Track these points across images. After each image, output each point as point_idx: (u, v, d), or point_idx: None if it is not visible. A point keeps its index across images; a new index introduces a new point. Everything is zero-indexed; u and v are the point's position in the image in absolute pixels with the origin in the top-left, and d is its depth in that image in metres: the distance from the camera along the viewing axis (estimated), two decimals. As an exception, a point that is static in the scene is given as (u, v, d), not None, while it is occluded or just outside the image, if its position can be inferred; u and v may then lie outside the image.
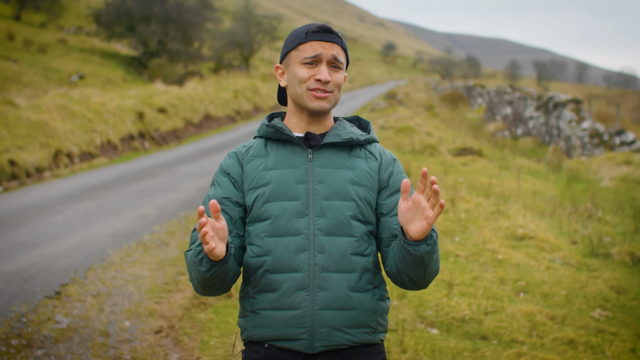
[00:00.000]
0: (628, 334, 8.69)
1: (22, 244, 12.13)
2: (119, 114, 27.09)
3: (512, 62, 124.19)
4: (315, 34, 3.59)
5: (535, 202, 16.61)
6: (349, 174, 3.61)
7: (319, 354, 3.54)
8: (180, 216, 14.63)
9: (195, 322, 8.78)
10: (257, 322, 3.57)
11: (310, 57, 3.56)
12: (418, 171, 19.04)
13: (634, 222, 14.95)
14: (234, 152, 3.73)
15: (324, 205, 3.55)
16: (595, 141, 27.87)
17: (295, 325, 3.50)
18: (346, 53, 3.69)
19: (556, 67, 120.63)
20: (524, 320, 8.71)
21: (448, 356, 7.58)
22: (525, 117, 36.76)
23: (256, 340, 3.61)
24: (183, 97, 34.30)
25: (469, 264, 11.19)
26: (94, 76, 36.72)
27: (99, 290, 9.85)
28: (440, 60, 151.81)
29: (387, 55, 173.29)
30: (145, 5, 45.25)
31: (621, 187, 20.02)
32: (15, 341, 7.97)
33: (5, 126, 20.72)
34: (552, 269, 11.20)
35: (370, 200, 3.63)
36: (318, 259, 3.50)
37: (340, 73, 3.62)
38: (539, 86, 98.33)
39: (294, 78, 3.61)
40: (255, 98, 44.95)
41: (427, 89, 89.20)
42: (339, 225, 3.54)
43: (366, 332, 3.58)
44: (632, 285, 10.90)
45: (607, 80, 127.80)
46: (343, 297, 3.51)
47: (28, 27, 46.15)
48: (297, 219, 3.54)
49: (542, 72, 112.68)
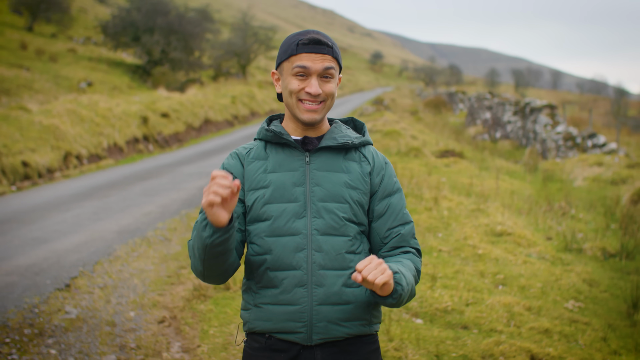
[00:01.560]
0: (599, 324, 8.71)
1: (34, 240, 12.11)
2: (124, 118, 27.05)
3: (492, 70, 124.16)
4: (305, 46, 3.51)
5: (512, 201, 16.63)
6: (344, 177, 3.59)
7: (317, 345, 3.54)
8: (182, 214, 14.62)
9: (196, 313, 8.77)
10: (259, 316, 3.57)
11: (301, 69, 3.51)
12: (404, 172, 19.08)
13: (605, 220, 14.99)
14: (235, 152, 3.70)
15: (321, 207, 3.53)
16: (568, 144, 27.91)
17: (294, 320, 3.49)
18: (339, 60, 3.63)
19: (532, 74, 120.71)
20: (502, 311, 8.72)
21: (431, 344, 7.58)
22: (504, 121, 36.79)
23: (258, 332, 3.60)
24: (184, 103, 34.27)
25: (451, 259, 11.19)
26: (101, 83, 36.65)
27: (106, 283, 9.84)
28: (424, 68, 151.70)
29: (374, 64, 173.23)
30: (149, 17, 45.21)
31: (593, 186, 20.06)
32: (28, 330, 7.96)
33: (18, 130, 20.69)
34: (529, 263, 11.21)
35: (363, 203, 3.61)
36: (315, 258, 3.49)
37: (332, 82, 3.57)
38: (516, 92, 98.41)
39: (286, 88, 3.57)
40: (252, 104, 44.95)
41: (412, 95, 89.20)
42: (335, 226, 3.52)
43: (361, 325, 3.58)
44: (603, 278, 10.93)
45: (580, 87, 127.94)
46: (338, 293, 3.50)
47: (40, 38, 46.05)
48: (295, 219, 3.52)
49: (520, 79, 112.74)
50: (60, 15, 50.58)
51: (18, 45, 39.74)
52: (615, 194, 17.92)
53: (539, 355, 7.30)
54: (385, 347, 7.35)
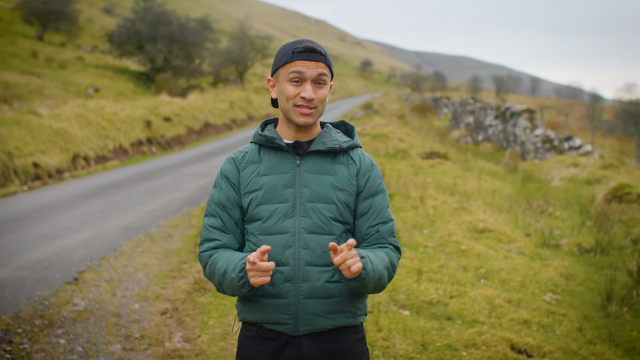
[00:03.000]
0: (575, 315, 8.73)
1: (44, 236, 12.11)
2: (129, 122, 27.04)
3: (474, 77, 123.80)
4: (300, 54, 3.54)
5: (494, 200, 16.64)
6: (331, 180, 3.60)
7: (303, 335, 3.56)
8: (183, 212, 14.61)
9: (196, 305, 8.77)
10: (251, 307, 3.60)
11: (296, 75, 3.53)
12: (392, 172, 19.07)
13: (580, 217, 15.01)
14: (232, 157, 3.72)
15: (308, 207, 3.54)
16: (546, 146, 27.93)
17: (282, 312, 3.52)
18: (331, 68, 3.65)
19: (512, 81, 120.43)
20: (484, 303, 8.72)
21: (418, 334, 7.58)
22: (486, 125, 36.81)
23: (250, 322, 3.63)
24: (185, 108, 34.25)
25: (436, 254, 11.20)
26: (107, 89, 36.61)
27: (112, 277, 9.84)
28: (410, 75, 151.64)
29: (364, 71, 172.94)
30: (152, 27, 45.18)
31: (569, 186, 20.08)
32: (38, 321, 7.96)
33: (29, 133, 20.67)
34: (509, 258, 11.22)
35: (349, 203, 3.63)
36: (302, 254, 3.51)
37: (324, 88, 3.59)
38: (497, 98, 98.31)
39: (282, 94, 3.59)
40: (249, 108, 44.94)
41: (400, 100, 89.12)
42: (321, 225, 3.54)
43: (346, 317, 3.59)
44: (579, 272, 10.95)
45: (557, 93, 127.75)
46: (323, 287, 3.52)
47: (50, 46, 46.01)
48: (285, 219, 3.54)
49: (500, 85, 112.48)
50: (69, 25, 50.75)
51: (29, 53, 39.72)
52: (590, 193, 17.94)
53: (518, 344, 7.31)
54: (374, 337, 7.36)
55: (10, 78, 30.46)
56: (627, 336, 8.21)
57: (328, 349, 3.59)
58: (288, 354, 3.56)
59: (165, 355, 7.13)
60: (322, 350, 3.58)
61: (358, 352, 3.68)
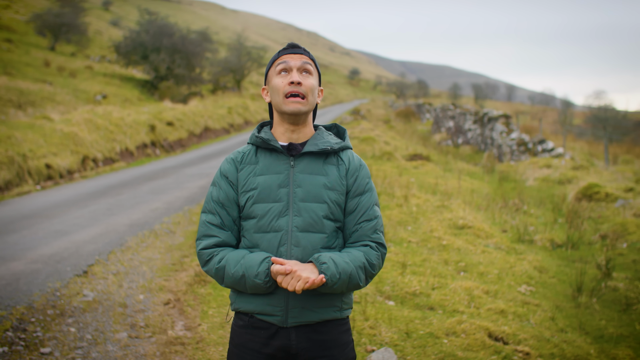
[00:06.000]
0: (548, 305, 8.75)
1: (56, 232, 12.08)
2: (134, 126, 26.99)
3: (454, 85, 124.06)
4: (285, 50, 3.64)
5: (473, 198, 16.66)
6: (323, 180, 3.58)
7: (292, 327, 3.55)
8: (185, 210, 14.60)
9: (197, 296, 8.77)
10: (243, 298, 3.58)
11: (282, 66, 3.58)
12: (378, 173, 19.09)
13: (553, 215, 15.04)
14: (231, 157, 3.69)
15: (301, 206, 3.52)
16: (521, 149, 27.99)
17: (272, 305, 3.50)
18: (315, 64, 3.69)
19: (490, 88, 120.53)
20: (463, 294, 8.73)
21: (402, 323, 7.58)
22: (465, 129, 36.86)
23: (242, 312, 3.62)
24: (187, 113, 34.22)
25: (419, 248, 11.20)
26: (114, 96, 36.54)
27: (118, 270, 9.82)
28: (395, 83, 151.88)
29: (352, 79, 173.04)
30: (156, 38, 45.16)
31: (543, 186, 20.12)
32: (50, 311, 7.94)
33: (42, 136, 20.64)
34: (487, 252, 11.24)
35: (340, 202, 3.60)
36: (294, 252, 3.48)
37: (312, 78, 3.61)
38: (476, 104, 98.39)
39: (273, 89, 3.60)
40: (246, 114, 44.94)
41: (385, 106, 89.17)
42: (313, 224, 3.52)
43: (333, 311, 3.57)
44: (552, 266, 10.97)
45: (531, 99, 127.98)
46: None
47: (61, 56, 45.94)
48: (278, 218, 3.51)
49: (479, 92, 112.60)
50: (79, 37, 50.93)
51: (42, 62, 39.64)
52: (562, 193, 17.98)
53: (495, 332, 7.32)
54: (362, 326, 7.36)
55: (25, 86, 30.37)
56: (596, 325, 8.24)
57: (315, 339, 3.57)
58: (277, 343, 3.55)
59: (168, 343, 7.13)
60: (309, 340, 3.56)
61: (343, 342, 3.67)
